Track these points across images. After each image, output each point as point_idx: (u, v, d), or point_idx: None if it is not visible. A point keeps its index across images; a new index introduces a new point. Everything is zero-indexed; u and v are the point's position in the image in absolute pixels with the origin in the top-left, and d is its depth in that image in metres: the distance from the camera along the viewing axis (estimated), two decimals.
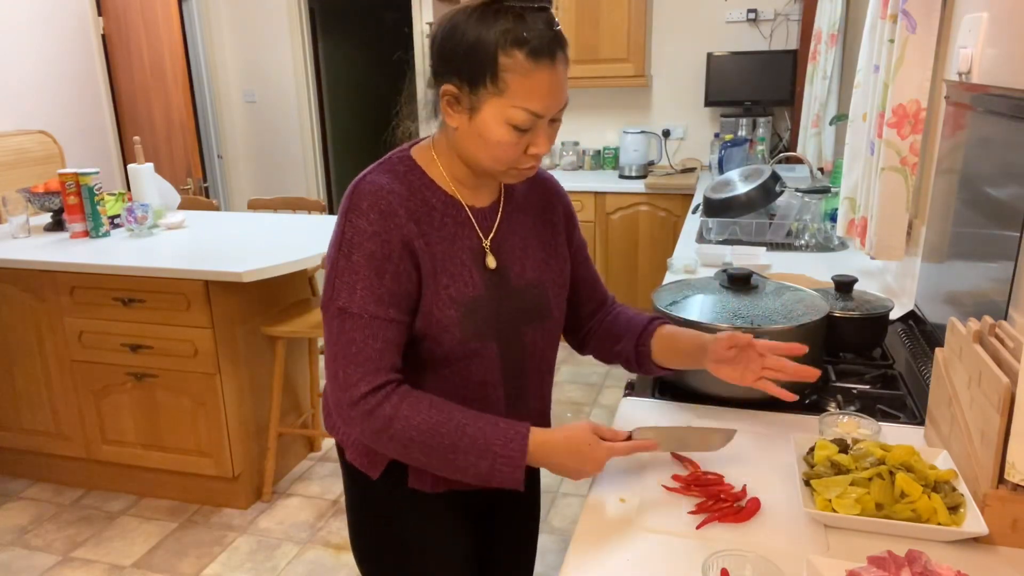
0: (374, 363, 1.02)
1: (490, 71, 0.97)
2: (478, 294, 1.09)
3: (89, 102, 4.09)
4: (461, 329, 1.08)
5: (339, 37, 5.85)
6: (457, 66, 1.00)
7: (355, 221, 1.03)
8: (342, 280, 1.02)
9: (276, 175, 5.13)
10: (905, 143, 1.77)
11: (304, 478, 2.97)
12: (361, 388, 1.01)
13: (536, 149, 1.04)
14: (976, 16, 1.51)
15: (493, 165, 1.04)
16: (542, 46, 0.97)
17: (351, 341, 1.02)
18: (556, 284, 1.20)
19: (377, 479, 1.17)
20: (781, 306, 1.34)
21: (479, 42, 0.97)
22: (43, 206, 2.97)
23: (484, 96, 0.99)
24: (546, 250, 1.20)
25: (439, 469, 1.04)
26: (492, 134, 1.01)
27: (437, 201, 1.09)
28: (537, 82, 0.98)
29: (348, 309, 1.02)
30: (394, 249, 1.03)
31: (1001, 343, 1.03)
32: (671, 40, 4.28)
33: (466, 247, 1.10)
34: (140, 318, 2.58)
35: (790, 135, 4.11)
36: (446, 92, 1.02)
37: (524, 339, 1.16)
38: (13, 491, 2.93)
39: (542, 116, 1.00)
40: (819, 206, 2.59)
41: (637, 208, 3.98)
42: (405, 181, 1.08)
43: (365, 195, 1.04)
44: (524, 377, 1.19)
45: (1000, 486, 0.95)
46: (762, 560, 0.88)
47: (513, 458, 1.02)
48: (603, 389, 3.71)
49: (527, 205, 1.20)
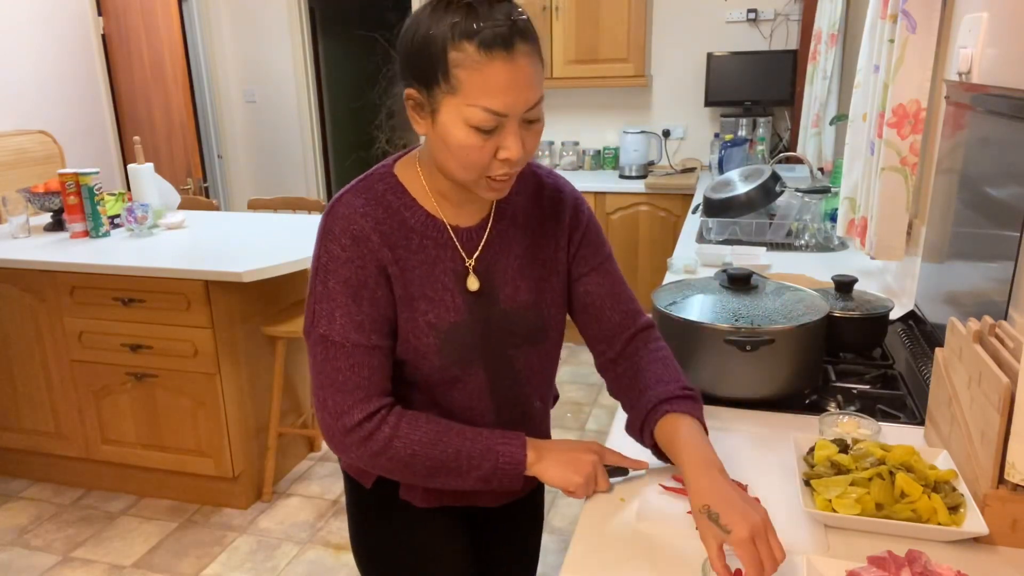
0: (364, 390, 1.00)
1: (441, 68, 0.89)
2: (459, 319, 1.04)
3: (89, 102, 4.09)
4: (440, 356, 1.04)
5: (339, 37, 5.85)
6: (412, 67, 0.93)
7: (329, 246, 0.99)
8: (321, 307, 1.00)
9: (276, 175, 5.13)
10: (905, 143, 1.77)
11: (304, 478, 2.97)
12: (355, 416, 0.99)
13: (506, 153, 0.93)
14: (976, 16, 1.51)
15: (463, 174, 0.96)
16: (495, 37, 0.87)
17: (337, 370, 0.99)
18: (553, 304, 1.13)
19: (370, 488, 1.16)
20: (781, 306, 1.34)
21: (428, 38, 0.90)
22: (43, 206, 2.97)
23: (439, 96, 0.91)
24: (545, 268, 1.12)
25: (441, 478, 1.03)
26: (453, 138, 0.92)
27: (416, 222, 1.03)
28: (491, 76, 0.88)
29: (330, 337, 0.99)
30: (369, 275, 0.99)
31: (1001, 343, 1.03)
32: (671, 40, 4.28)
33: (448, 269, 1.04)
34: (140, 318, 2.58)
35: (790, 135, 4.11)
36: (409, 96, 0.96)
37: (515, 364, 1.11)
38: (13, 491, 2.93)
39: (504, 115, 0.91)
40: (819, 206, 2.59)
41: (637, 208, 3.98)
42: (383, 202, 1.02)
43: (338, 219, 1.00)
44: (519, 402, 1.15)
45: (1000, 486, 0.95)
46: None
47: (515, 455, 1.03)
48: (603, 389, 3.71)
49: (526, 221, 1.11)
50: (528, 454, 1.04)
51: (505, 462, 1.02)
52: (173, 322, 2.54)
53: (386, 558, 1.21)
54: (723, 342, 1.29)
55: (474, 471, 1.02)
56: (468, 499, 1.17)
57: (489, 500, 1.20)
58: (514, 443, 1.04)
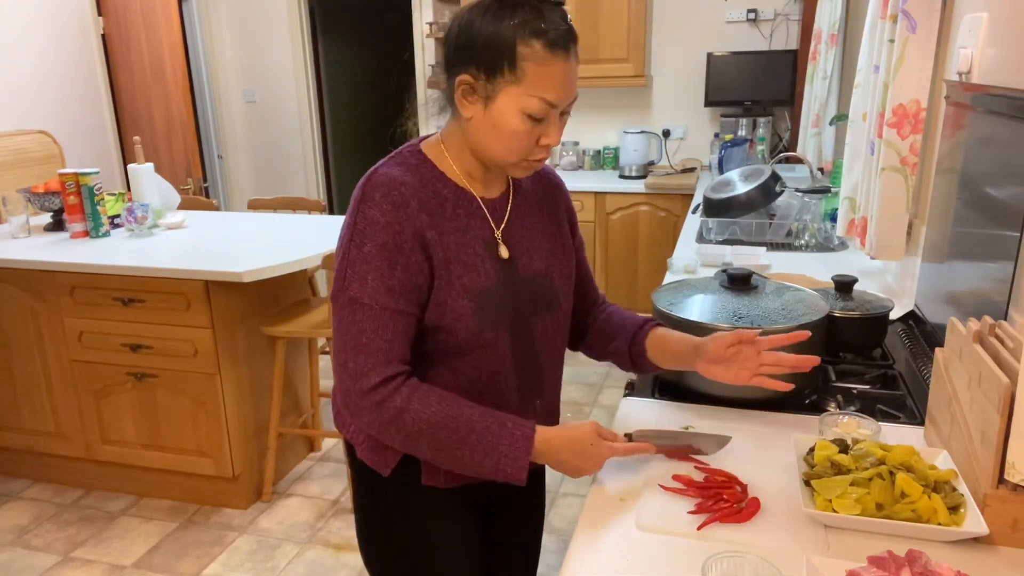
0: (384, 354, 1.03)
1: (508, 59, 1.00)
2: (491, 284, 1.11)
3: (89, 102, 4.09)
4: (476, 319, 1.09)
5: (339, 37, 5.85)
6: (474, 56, 1.02)
7: (367, 212, 1.04)
8: (353, 270, 1.03)
9: (276, 175, 5.13)
10: (905, 143, 1.77)
11: (304, 478, 2.97)
12: (372, 379, 1.02)
13: (547, 140, 1.06)
14: (976, 16, 1.51)
15: (505, 156, 1.06)
16: (559, 38, 1.00)
17: (361, 331, 1.02)
18: (563, 275, 1.22)
19: (388, 477, 1.17)
20: (781, 306, 1.34)
21: (498, 32, 1.00)
22: (43, 206, 2.97)
23: (501, 84, 1.01)
24: (552, 242, 1.22)
25: (444, 462, 1.06)
26: (507, 123, 1.03)
27: (448, 192, 1.10)
28: (553, 72, 1.01)
29: (359, 299, 1.02)
30: (406, 240, 1.03)
31: (1001, 343, 1.03)
32: (671, 40, 4.28)
33: (479, 237, 1.11)
34: (140, 318, 2.58)
35: (790, 135, 4.11)
36: (462, 82, 1.04)
37: (535, 330, 1.17)
38: (13, 491, 2.93)
39: (556, 106, 1.03)
40: (819, 206, 2.59)
41: (637, 208, 3.98)
42: (417, 173, 1.09)
43: (378, 186, 1.05)
44: (535, 369, 1.20)
45: (1000, 486, 0.95)
46: (762, 561, 0.87)
47: (518, 458, 1.04)
48: (603, 389, 3.71)
49: (533, 198, 1.22)
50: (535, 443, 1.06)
51: (506, 463, 1.04)
52: (173, 322, 2.54)
53: (400, 547, 1.22)
54: None
55: (476, 466, 1.05)
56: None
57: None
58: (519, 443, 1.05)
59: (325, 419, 3.36)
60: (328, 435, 2.83)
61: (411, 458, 1.14)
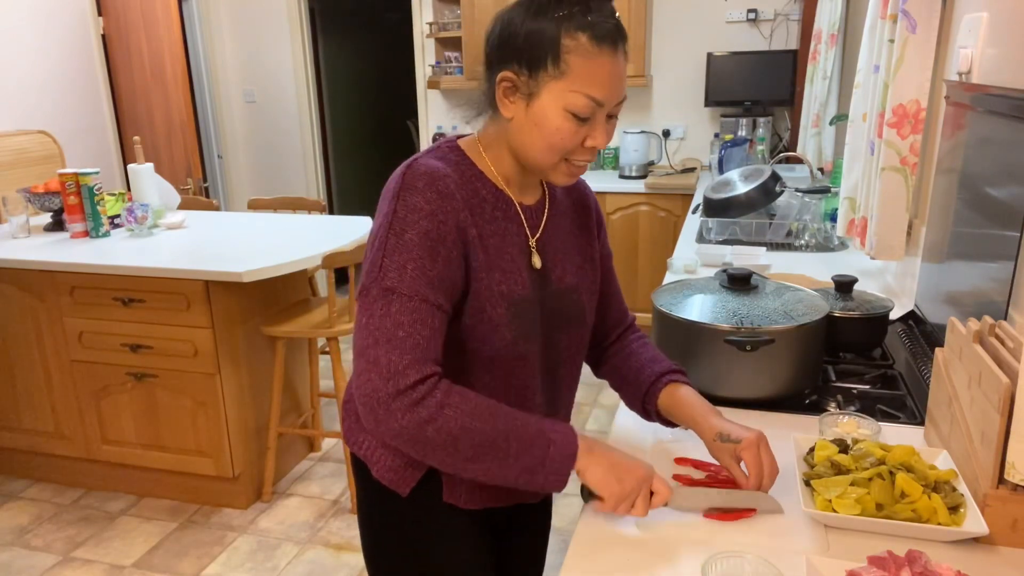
0: (423, 350, 0.94)
1: (551, 52, 0.95)
2: (526, 293, 1.06)
3: (89, 102, 4.09)
4: (511, 329, 1.03)
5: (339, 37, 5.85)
6: (516, 51, 0.98)
7: (409, 199, 0.96)
8: (391, 259, 0.95)
9: (276, 175, 5.12)
10: (905, 143, 1.77)
11: (304, 478, 2.97)
12: (410, 376, 0.92)
13: (593, 142, 1.00)
14: (976, 16, 1.51)
15: (547, 157, 1.01)
16: (606, 33, 0.96)
17: (398, 324, 0.93)
18: (590, 291, 1.18)
19: (407, 496, 1.11)
20: (781, 306, 1.34)
21: (541, 26, 0.96)
22: (43, 206, 2.97)
23: (544, 80, 0.97)
24: (582, 255, 1.18)
25: (486, 462, 0.95)
26: (550, 121, 0.98)
27: (488, 193, 1.05)
28: (599, 67, 0.96)
29: (397, 289, 0.94)
30: (449, 232, 0.97)
31: (1001, 343, 1.03)
32: (671, 40, 4.28)
33: (515, 243, 1.07)
34: (140, 318, 2.58)
35: (790, 135, 4.11)
36: (504, 79, 0.99)
37: (560, 344, 1.13)
38: (13, 491, 2.93)
39: (602, 104, 0.98)
40: (819, 206, 2.59)
41: (637, 208, 3.98)
42: (458, 169, 1.04)
43: (421, 175, 0.98)
44: (557, 384, 1.16)
45: (1000, 486, 0.95)
46: (762, 561, 0.87)
47: (567, 446, 0.97)
48: (603, 389, 3.71)
49: (566, 208, 1.18)
50: (580, 445, 0.98)
51: (556, 452, 0.96)
52: (173, 322, 2.54)
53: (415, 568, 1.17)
54: (723, 342, 1.29)
55: (524, 456, 0.95)
56: (511, 498, 1.15)
57: (530, 496, 1.19)
58: (567, 432, 0.98)
59: (325, 419, 3.36)
60: (328, 435, 2.82)
61: (430, 477, 1.10)
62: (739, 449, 1.04)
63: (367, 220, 3.08)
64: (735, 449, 1.05)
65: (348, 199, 5.89)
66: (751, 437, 1.05)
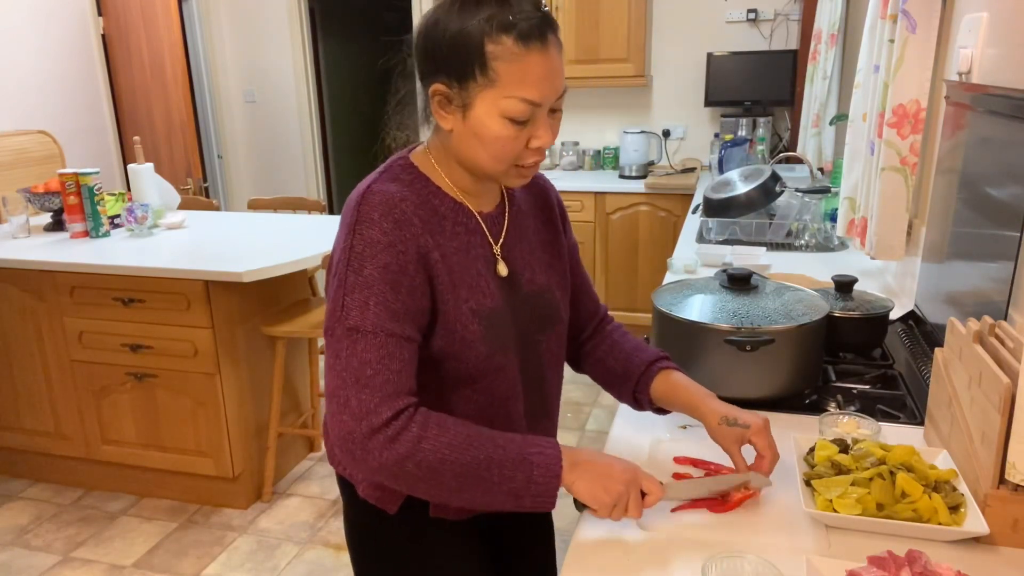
0: (393, 386, 0.91)
1: (478, 62, 0.91)
2: (495, 305, 1.03)
3: (89, 102, 4.09)
4: (485, 343, 1.01)
5: (339, 37, 5.85)
6: (443, 62, 0.93)
7: (366, 232, 0.93)
8: (351, 297, 0.92)
9: (276, 175, 5.12)
10: (905, 143, 1.77)
11: (304, 478, 2.97)
12: (383, 414, 0.90)
13: (538, 142, 0.96)
14: (976, 16, 1.51)
15: (494, 165, 0.97)
16: (531, 29, 0.90)
17: (365, 363, 0.91)
18: (562, 287, 1.16)
19: (395, 515, 1.09)
20: (781, 306, 1.34)
21: (462, 33, 0.91)
22: (43, 206, 2.97)
23: (475, 90, 0.92)
24: (549, 252, 1.15)
25: (468, 492, 0.93)
26: (488, 131, 0.94)
27: (446, 209, 1.02)
28: (530, 68, 0.91)
29: (361, 328, 0.91)
30: (409, 261, 0.94)
31: (1001, 343, 1.03)
32: (671, 40, 4.28)
33: (479, 256, 1.04)
34: (140, 318, 2.58)
35: (790, 135, 4.11)
36: (435, 92, 0.96)
37: (540, 347, 1.11)
38: (13, 491, 2.93)
39: (539, 104, 0.93)
40: (819, 206, 2.59)
41: (637, 208, 3.98)
42: (413, 189, 1.00)
43: (376, 205, 0.95)
44: (544, 387, 1.15)
45: (1001, 486, 0.95)
46: (762, 561, 0.87)
47: (551, 467, 0.95)
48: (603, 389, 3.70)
49: (527, 207, 1.15)
50: (563, 462, 0.96)
51: (541, 474, 0.94)
52: (173, 322, 2.54)
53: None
54: (723, 342, 1.29)
55: (507, 482, 0.93)
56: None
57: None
58: (548, 451, 0.95)
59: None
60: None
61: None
62: (750, 434, 1.06)
63: None
64: (744, 434, 1.06)
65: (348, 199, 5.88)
66: (760, 422, 1.06)
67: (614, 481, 0.97)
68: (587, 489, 0.97)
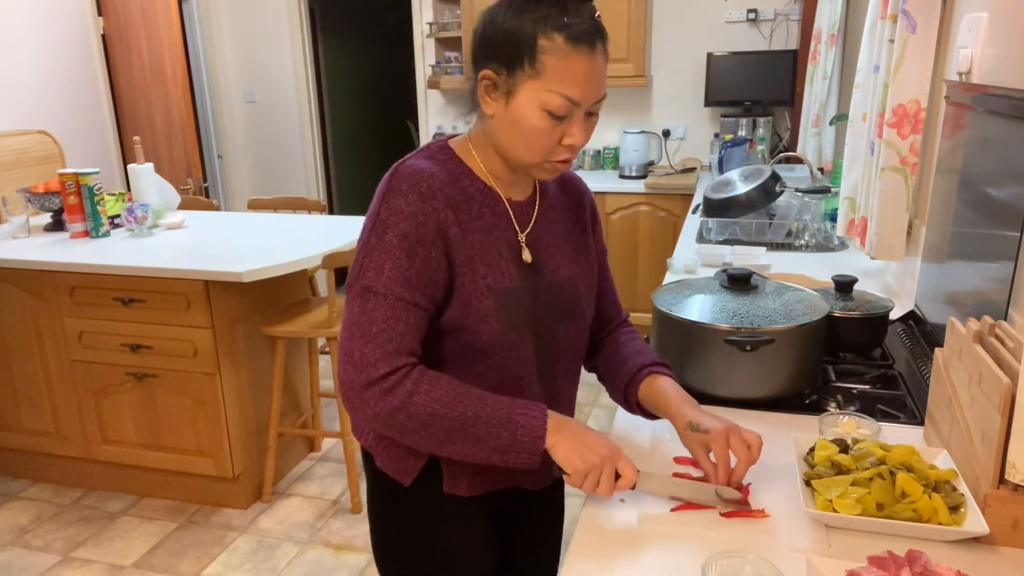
0: (395, 344, 0.99)
1: (528, 52, 0.98)
2: (514, 285, 1.08)
3: (89, 102, 4.09)
4: (499, 319, 1.06)
5: (339, 37, 5.85)
6: (496, 50, 1.01)
7: (392, 202, 1.01)
8: (371, 260, 1.01)
9: (276, 175, 5.12)
10: (905, 143, 1.77)
11: (304, 478, 2.97)
12: (380, 368, 0.98)
13: (571, 140, 1.03)
14: (976, 16, 1.51)
15: (527, 155, 1.04)
16: (582, 33, 0.98)
17: (372, 321, 0.99)
18: (586, 283, 1.20)
19: (409, 486, 1.15)
20: (781, 306, 1.34)
21: (519, 25, 0.98)
22: (43, 206, 2.97)
23: (521, 79, 0.99)
24: (576, 248, 1.20)
25: (457, 444, 1.00)
26: (527, 120, 1.00)
27: (475, 190, 1.08)
28: (575, 67, 0.98)
29: (373, 288, 1.00)
30: (428, 233, 1.01)
31: (1001, 343, 1.03)
32: (671, 40, 4.28)
33: (502, 239, 1.09)
34: (140, 318, 2.58)
35: (790, 135, 4.11)
36: (484, 77, 1.02)
37: (557, 336, 1.15)
38: (13, 491, 2.93)
39: (578, 104, 1.00)
40: (819, 206, 2.59)
41: (637, 208, 3.98)
42: (445, 168, 1.07)
43: (405, 177, 1.03)
44: (556, 376, 1.18)
45: (1001, 486, 0.95)
46: (762, 561, 0.87)
47: (535, 428, 1.01)
48: (603, 390, 3.70)
49: (559, 204, 1.20)
50: (548, 425, 1.02)
51: (525, 433, 1.00)
52: (173, 322, 2.54)
53: (418, 557, 1.20)
54: (723, 342, 1.29)
55: (492, 439, 1.00)
56: (510, 480, 1.18)
57: (530, 482, 1.21)
58: (535, 413, 1.02)
59: (325, 419, 3.36)
60: (328, 435, 2.82)
61: (433, 467, 1.13)
62: (708, 440, 1.07)
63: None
64: (707, 439, 1.07)
65: (348, 199, 5.89)
66: (719, 428, 1.06)
67: (591, 452, 1.02)
68: (565, 453, 1.02)
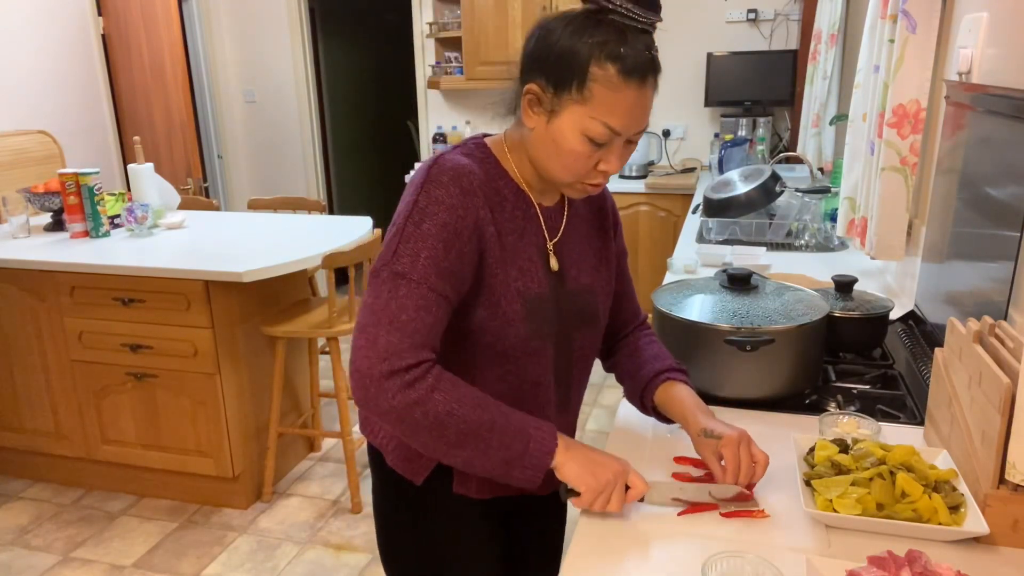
0: (422, 336, 0.96)
1: (578, 77, 0.96)
2: (542, 292, 1.08)
3: (89, 102, 4.09)
4: (526, 324, 1.06)
5: (339, 37, 5.85)
6: (546, 67, 0.99)
7: (433, 192, 0.99)
8: (406, 246, 0.97)
9: (276, 175, 5.12)
10: (905, 143, 1.77)
11: (304, 478, 2.97)
12: (406, 359, 0.94)
13: (607, 166, 1.02)
14: (976, 16, 1.51)
15: (561, 175, 1.03)
16: (636, 66, 0.96)
17: (403, 308, 0.95)
18: (604, 292, 1.20)
19: (420, 485, 1.14)
20: (781, 306, 1.34)
21: (574, 47, 0.97)
22: (43, 206, 2.97)
23: (566, 101, 0.98)
24: (597, 256, 1.20)
25: (467, 450, 0.97)
26: (566, 142, 1.00)
27: (509, 192, 1.08)
28: (622, 99, 0.97)
29: (407, 275, 0.96)
30: (466, 227, 1.00)
31: (1001, 343, 1.03)
32: (671, 40, 4.27)
33: (533, 244, 1.09)
34: (140, 318, 2.58)
35: (790, 135, 4.11)
36: (529, 91, 1.01)
37: (573, 343, 1.16)
38: (13, 491, 2.93)
39: (619, 134, 0.99)
40: (819, 206, 2.59)
41: (637, 208, 3.98)
42: (483, 167, 1.06)
43: (447, 170, 1.01)
44: (570, 382, 1.19)
45: (1001, 486, 0.95)
46: (762, 561, 0.87)
47: (545, 443, 0.99)
48: (603, 389, 3.71)
49: (584, 212, 1.20)
50: (558, 443, 1.01)
51: (536, 448, 0.99)
52: (173, 322, 2.54)
53: (424, 557, 1.20)
54: (723, 342, 1.29)
55: (503, 449, 0.98)
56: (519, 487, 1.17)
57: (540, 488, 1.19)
58: (546, 430, 1.01)
59: (325, 419, 3.36)
60: (328, 435, 2.82)
61: (442, 467, 1.12)
62: (720, 446, 1.07)
63: (367, 220, 3.08)
64: (717, 445, 1.07)
65: (348, 199, 5.89)
66: (732, 435, 1.07)
67: (604, 469, 1.01)
68: (576, 472, 1.01)
